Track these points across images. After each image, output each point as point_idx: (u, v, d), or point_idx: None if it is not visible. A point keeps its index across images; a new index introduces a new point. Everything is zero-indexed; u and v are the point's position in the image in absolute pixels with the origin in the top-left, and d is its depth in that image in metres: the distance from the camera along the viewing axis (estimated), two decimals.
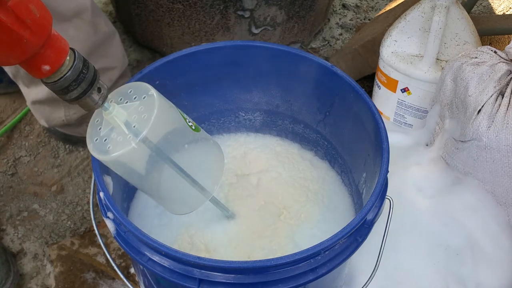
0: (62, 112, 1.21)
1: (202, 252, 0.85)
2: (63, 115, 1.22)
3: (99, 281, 1.07)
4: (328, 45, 1.63)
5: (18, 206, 1.23)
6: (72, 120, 1.23)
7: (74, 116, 1.22)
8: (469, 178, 0.99)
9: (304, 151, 1.02)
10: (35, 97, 1.19)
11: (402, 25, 1.14)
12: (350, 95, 0.84)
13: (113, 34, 1.21)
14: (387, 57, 1.15)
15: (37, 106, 1.23)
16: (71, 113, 1.21)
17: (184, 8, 1.33)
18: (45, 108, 1.22)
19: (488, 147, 0.92)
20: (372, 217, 0.71)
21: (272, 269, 0.65)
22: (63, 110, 1.21)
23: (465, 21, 1.10)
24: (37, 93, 1.18)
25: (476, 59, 0.96)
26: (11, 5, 0.52)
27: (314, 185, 0.96)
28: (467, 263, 0.95)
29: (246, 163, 1.00)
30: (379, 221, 0.73)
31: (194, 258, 0.63)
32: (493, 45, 1.39)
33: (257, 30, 1.41)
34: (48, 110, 1.22)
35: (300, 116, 0.99)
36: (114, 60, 1.21)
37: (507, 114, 0.90)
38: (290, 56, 0.89)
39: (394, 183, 0.82)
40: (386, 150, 0.74)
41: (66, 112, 1.21)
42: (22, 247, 1.16)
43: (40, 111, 1.24)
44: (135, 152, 0.65)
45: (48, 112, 1.23)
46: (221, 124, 1.03)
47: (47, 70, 0.59)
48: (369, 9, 1.76)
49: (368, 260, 0.79)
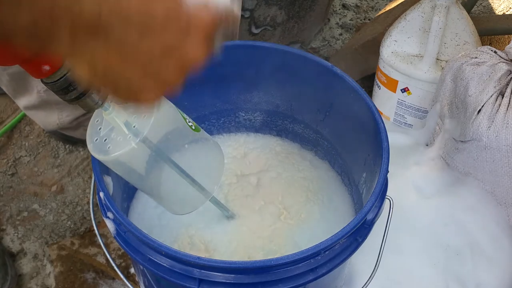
0: (56, 116, 1.20)
1: (202, 252, 0.85)
2: (57, 119, 1.21)
3: (99, 281, 1.07)
4: (328, 45, 1.63)
5: (18, 206, 1.23)
6: (65, 123, 1.22)
7: (68, 119, 1.21)
8: (469, 178, 0.99)
9: (304, 151, 1.02)
10: (27, 104, 1.19)
11: (402, 25, 1.14)
12: (350, 95, 0.84)
13: None
14: (387, 57, 1.15)
15: (30, 112, 1.22)
16: (64, 115, 1.21)
17: None
18: (39, 113, 1.22)
19: (488, 147, 0.92)
20: (372, 217, 0.71)
21: (272, 269, 0.65)
22: (56, 113, 1.20)
23: (465, 21, 1.10)
24: (29, 100, 1.17)
25: (476, 59, 0.96)
26: None
27: (314, 185, 0.96)
28: (467, 263, 0.95)
29: (246, 163, 1.00)
30: (379, 221, 0.73)
31: (194, 258, 0.63)
32: (493, 45, 1.39)
33: (257, 30, 1.41)
34: (43, 115, 1.22)
35: (300, 116, 0.98)
36: None
37: (507, 114, 0.90)
38: (290, 56, 0.89)
39: (394, 183, 0.82)
40: (386, 150, 0.74)
41: (59, 115, 1.20)
42: (22, 247, 1.16)
43: (35, 117, 1.24)
44: (135, 152, 0.65)
45: (42, 117, 1.22)
46: (221, 124, 1.03)
47: (47, 70, 0.59)
48: (369, 9, 1.76)
49: (368, 260, 0.79)
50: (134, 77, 0.41)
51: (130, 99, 0.43)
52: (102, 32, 0.38)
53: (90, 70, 0.40)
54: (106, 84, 0.41)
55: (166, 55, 0.41)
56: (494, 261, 0.95)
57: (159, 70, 0.42)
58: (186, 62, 0.43)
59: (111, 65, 0.40)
